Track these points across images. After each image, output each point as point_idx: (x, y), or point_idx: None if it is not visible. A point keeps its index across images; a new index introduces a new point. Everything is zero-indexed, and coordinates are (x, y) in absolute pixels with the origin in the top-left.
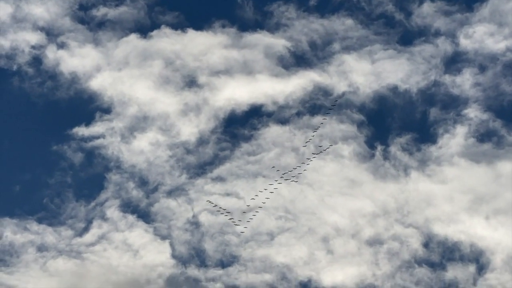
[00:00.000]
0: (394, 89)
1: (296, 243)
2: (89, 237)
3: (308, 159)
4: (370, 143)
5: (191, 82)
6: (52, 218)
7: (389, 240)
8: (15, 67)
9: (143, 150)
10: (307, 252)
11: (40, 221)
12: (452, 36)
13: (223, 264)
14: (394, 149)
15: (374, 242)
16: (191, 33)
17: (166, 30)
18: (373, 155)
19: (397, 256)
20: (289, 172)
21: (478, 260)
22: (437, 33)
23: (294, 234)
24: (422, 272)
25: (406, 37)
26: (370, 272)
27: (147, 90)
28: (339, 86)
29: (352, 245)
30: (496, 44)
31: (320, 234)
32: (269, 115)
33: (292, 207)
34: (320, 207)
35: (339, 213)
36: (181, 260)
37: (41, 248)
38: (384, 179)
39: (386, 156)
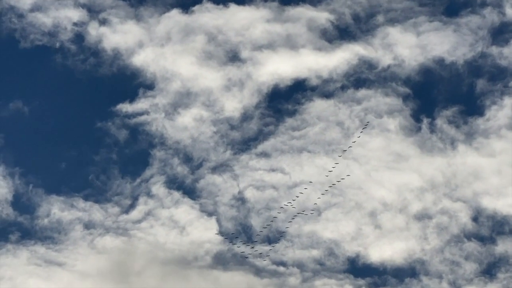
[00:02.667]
0: (440, 61)
1: (343, 219)
2: (135, 214)
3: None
4: (416, 116)
5: (234, 57)
6: (98, 195)
7: (438, 214)
8: (57, 45)
9: (187, 126)
10: (355, 227)
11: (86, 198)
12: (498, 6)
13: (270, 240)
14: (440, 122)
15: (422, 216)
16: (233, 7)
17: (208, 5)
18: (419, 129)
19: (446, 230)
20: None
21: None
22: (484, 4)
23: (341, 210)
24: (472, 246)
25: (452, 8)
26: (418, 246)
27: (190, 65)
28: (384, 59)
29: (400, 219)
30: None
31: (368, 209)
32: (313, 89)
33: (338, 182)
34: (367, 182)
35: (386, 187)
36: (228, 237)
37: (88, 226)
38: (431, 153)
39: (432, 129)
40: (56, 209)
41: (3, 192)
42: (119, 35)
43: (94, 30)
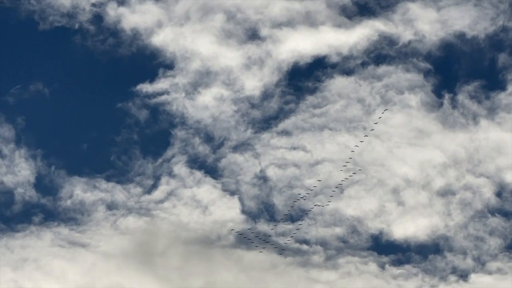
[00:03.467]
0: (461, 36)
1: (366, 196)
2: (157, 194)
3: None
4: (438, 92)
5: (253, 35)
6: (120, 176)
7: (461, 190)
8: (76, 26)
9: (207, 105)
10: (377, 204)
11: (108, 179)
12: None
13: (293, 218)
14: (462, 97)
15: (446, 192)
16: None
17: None
18: (441, 104)
19: (470, 206)
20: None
21: None
22: None
23: (364, 187)
24: (496, 221)
25: None
26: (442, 223)
27: (209, 44)
28: (405, 35)
29: (423, 196)
30: None
31: (390, 186)
32: (333, 66)
33: (360, 159)
34: (389, 158)
35: (409, 164)
36: (251, 216)
37: (111, 206)
38: (453, 128)
39: (454, 105)
40: (78, 190)
41: (26, 174)
42: (138, 15)
43: (112, 11)
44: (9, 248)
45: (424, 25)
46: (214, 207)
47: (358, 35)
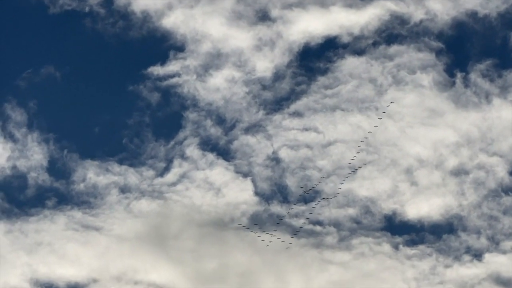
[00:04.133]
0: (473, 14)
1: (379, 176)
2: (170, 176)
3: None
4: (450, 71)
5: (263, 16)
6: (132, 159)
7: (474, 169)
8: (87, 9)
9: (219, 87)
10: (391, 184)
11: (121, 162)
12: None
13: (306, 199)
14: (474, 76)
15: (459, 172)
16: None
17: None
18: (453, 83)
19: (483, 185)
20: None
21: None
22: None
23: (377, 167)
24: (510, 200)
25: None
26: (456, 202)
27: (219, 26)
28: (416, 14)
29: (436, 176)
30: None
31: (403, 166)
32: (345, 46)
33: (373, 139)
34: (402, 138)
35: (422, 144)
36: (264, 197)
37: (124, 190)
38: (465, 108)
39: (466, 84)
40: (91, 174)
41: (38, 158)
42: None
43: None
44: (23, 232)
45: (435, 4)
46: (227, 189)
47: (369, 15)
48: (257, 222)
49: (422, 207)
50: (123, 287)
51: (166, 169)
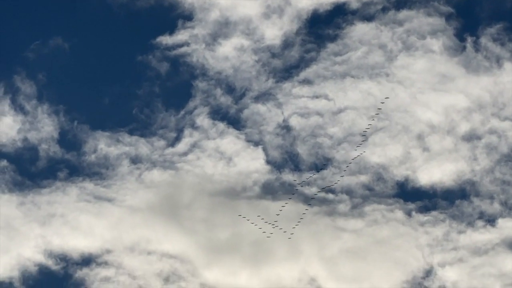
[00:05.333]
0: None
1: (391, 143)
2: (181, 146)
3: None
4: (460, 36)
5: None
6: (143, 129)
7: (486, 134)
8: None
9: (227, 56)
10: (402, 151)
11: (131, 132)
12: None
13: (317, 167)
14: (485, 40)
15: (471, 137)
16: None
17: None
18: (463, 48)
19: (495, 150)
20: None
21: None
22: None
23: (388, 134)
24: None
25: None
26: (468, 168)
27: None
28: None
29: (448, 141)
30: None
31: (415, 132)
32: (354, 12)
33: (383, 106)
34: (413, 104)
35: (433, 109)
36: (275, 166)
37: (135, 160)
38: (476, 72)
39: (477, 48)
40: (102, 145)
41: (49, 130)
42: None
43: None
44: (36, 204)
45: None
46: (239, 158)
47: None
48: (269, 191)
49: (434, 173)
50: (136, 258)
51: (177, 139)
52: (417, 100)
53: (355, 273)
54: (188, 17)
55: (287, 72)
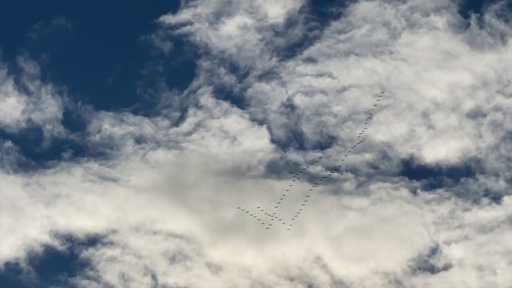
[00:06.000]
0: None
1: (395, 120)
2: (185, 126)
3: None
4: (464, 13)
5: None
6: (147, 109)
7: (491, 111)
8: None
9: (231, 35)
10: (407, 128)
11: (135, 112)
12: None
13: (322, 146)
14: (489, 17)
15: (476, 114)
16: None
17: None
18: (468, 25)
19: (500, 127)
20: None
21: None
22: None
23: (393, 111)
24: None
25: None
26: (473, 145)
27: None
28: None
29: (453, 118)
30: None
31: (419, 109)
32: None
33: (388, 84)
34: (417, 82)
35: (437, 87)
36: (280, 145)
37: (140, 140)
38: (481, 49)
39: (481, 25)
40: (106, 125)
41: (53, 111)
42: None
43: None
44: (41, 185)
45: None
46: (243, 137)
47: None
48: (274, 170)
49: (439, 151)
50: (142, 237)
51: (181, 119)
52: (421, 77)
53: (360, 251)
54: None
55: (291, 51)
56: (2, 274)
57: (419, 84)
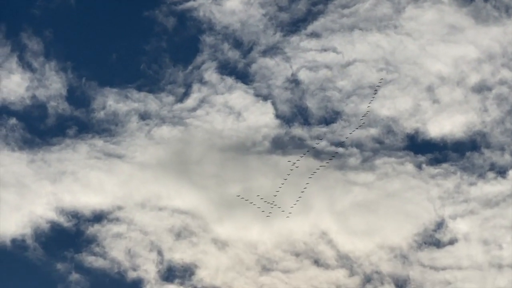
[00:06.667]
0: None
1: (400, 95)
2: (190, 102)
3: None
4: None
5: None
6: (151, 85)
7: (496, 85)
8: None
9: (234, 10)
10: (412, 103)
11: (139, 88)
12: None
13: (327, 121)
14: None
15: (481, 88)
16: None
17: None
18: None
19: (506, 101)
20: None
21: None
22: None
23: (397, 86)
24: None
25: None
26: (478, 119)
27: None
28: None
29: (458, 93)
30: None
31: (424, 84)
32: None
33: (392, 58)
34: (422, 56)
35: (442, 61)
36: (285, 120)
37: (144, 116)
38: (486, 22)
39: None
40: (111, 101)
41: (57, 87)
42: None
43: None
44: (46, 161)
45: None
46: (248, 113)
47: None
48: (279, 146)
49: (444, 125)
50: (148, 214)
51: (186, 94)
52: (426, 51)
53: (366, 226)
54: None
55: (295, 26)
56: (9, 250)
57: (424, 58)
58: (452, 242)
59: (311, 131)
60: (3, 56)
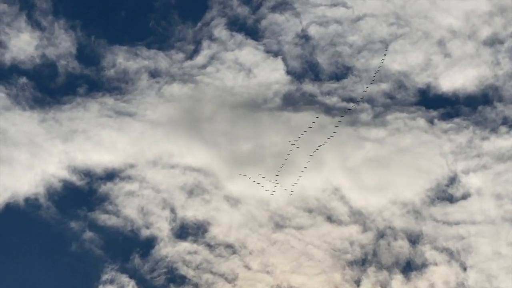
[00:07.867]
0: None
1: (411, 49)
2: (200, 59)
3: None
4: None
5: None
6: (161, 42)
7: (508, 38)
8: None
9: None
10: (423, 57)
11: (149, 46)
12: None
13: (337, 76)
14: None
15: (493, 41)
16: None
17: None
18: None
19: None
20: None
21: None
22: None
23: (409, 40)
24: None
25: None
26: (490, 72)
27: None
28: None
29: (470, 46)
30: None
31: (435, 38)
32: None
33: (403, 12)
34: (433, 10)
35: (453, 15)
36: (296, 76)
37: (154, 74)
38: None
39: None
40: (121, 59)
41: (67, 46)
42: None
43: None
44: (57, 120)
45: None
46: (258, 70)
47: None
48: (290, 102)
49: (456, 79)
50: (160, 171)
51: (195, 51)
52: (437, 5)
53: (378, 182)
54: None
55: None
56: (22, 209)
57: (435, 12)
58: (465, 197)
59: (322, 87)
60: (12, 15)
